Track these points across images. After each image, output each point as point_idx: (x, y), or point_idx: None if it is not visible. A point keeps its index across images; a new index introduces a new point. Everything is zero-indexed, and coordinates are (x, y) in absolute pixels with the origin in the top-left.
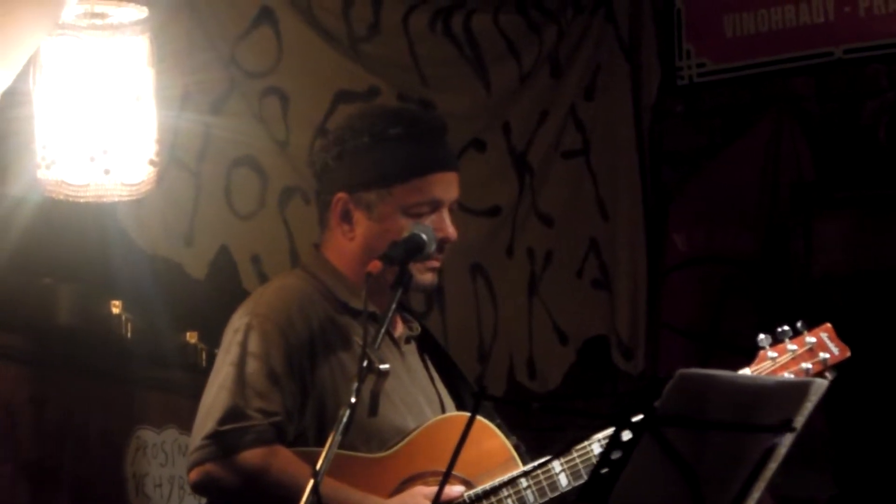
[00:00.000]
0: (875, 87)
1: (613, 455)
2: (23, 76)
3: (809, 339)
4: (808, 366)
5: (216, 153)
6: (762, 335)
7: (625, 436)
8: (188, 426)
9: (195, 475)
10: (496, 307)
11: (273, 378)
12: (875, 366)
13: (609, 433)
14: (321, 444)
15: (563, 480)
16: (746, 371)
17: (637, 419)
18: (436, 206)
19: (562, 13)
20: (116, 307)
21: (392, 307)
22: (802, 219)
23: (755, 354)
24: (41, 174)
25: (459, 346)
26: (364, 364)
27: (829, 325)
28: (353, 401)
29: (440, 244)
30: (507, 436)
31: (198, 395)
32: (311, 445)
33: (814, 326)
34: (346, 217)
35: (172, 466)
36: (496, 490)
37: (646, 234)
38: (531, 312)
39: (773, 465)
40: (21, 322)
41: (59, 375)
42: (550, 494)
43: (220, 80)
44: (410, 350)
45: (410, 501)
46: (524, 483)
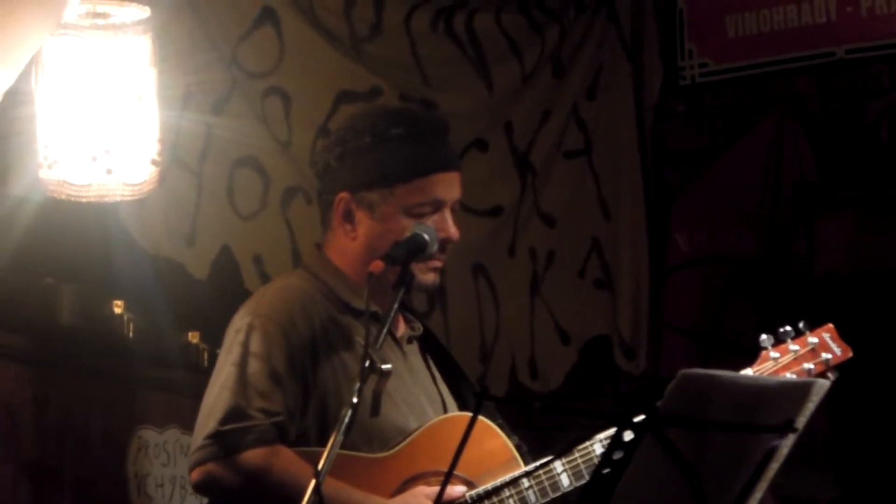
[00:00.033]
0: (877, 88)
1: (615, 455)
2: (25, 76)
3: (812, 340)
4: (811, 366)
5: (218, 153)
6: (764, 335)
7: (627, 436)
8: (190, 426)
9: (197, 475)
10: (498, 307)
11: (275, 378)
12: (877, 366)
13: (611, 433)
14: (323, 444)
15: (565, 480)
16: (748, 371)
17: (639, 419)
18: (438, 206)
19: (564, 13)
20: (118, 307)
21: (394, 307)
22: (804, 219)
23: (757, 355)
24: (43, 174)
25: (461, 346)
26: (366, 364)
27: (832, 326)
28: (355, 401)
29: (442, 244)
30: (509, 436)
31: (199, 395)
32: (313, 445)
33: (816, 327)
34: (349, 217)
35: (174, 466)
36: (498, 490)
37: (648, 234)
38: (533, 312)
39: (775, 466)
40: (23, 322)
41: (61, 375)
42: (552, 494)
43: (222, 81)
44: (412, 350)
45: (412, 501)
46: (526, 483)
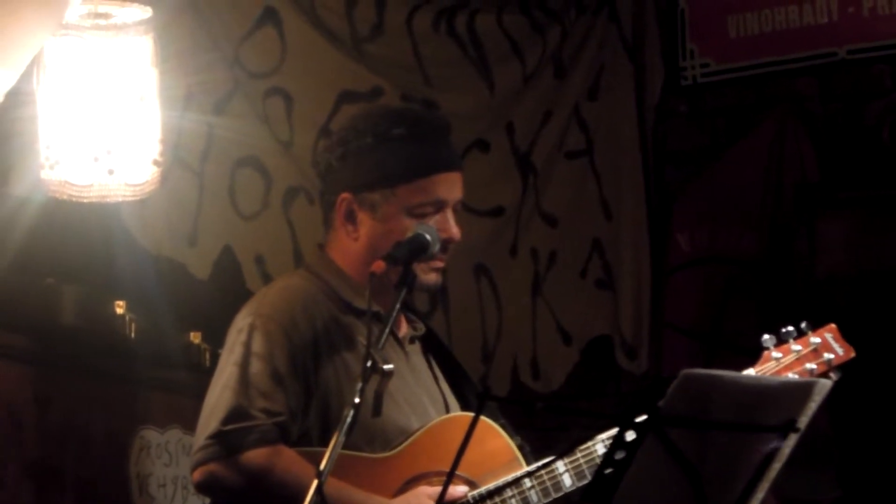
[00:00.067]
0: (879, 88)
1: (617, 455)
2: (26, 76)
3: (814, 340)
4: (813, 366)
5: (220, 153)
6: (766, 335)
7: (629, 436)
8: (192, 426)
9: (199, 475)
10: (500, 307)
11: (277, 378)
12: (879, 366)
13: (613, 433)
14: (325, 444)
15: (567, 481)
16: (750, 371)
17: (641, 419)
18: (440, 207)
19: (565, 13)
20: (120, 307)
21: (396, 307)
22: (806, 219)
23: (759, 355)
24: (45, 174)
25: (463, 347)
26: (368, 364)
27: (834, 326)
28: (357, 401)
29: (444, 244)
30: (511, 436)
31: (201, 396)
32: (315, 445)
33: (818, 327)
34: (351, 217)
35: (176, 466)
36: (500, 490)
37: (649, 234)
38: (535, 312)
39: (777, 466)
40: (24, 322)
41: (63, 376)
42: (554, 495)
43: (224, 81)
44: (415, 350)
45: (414, 501)
46: (528, 483)
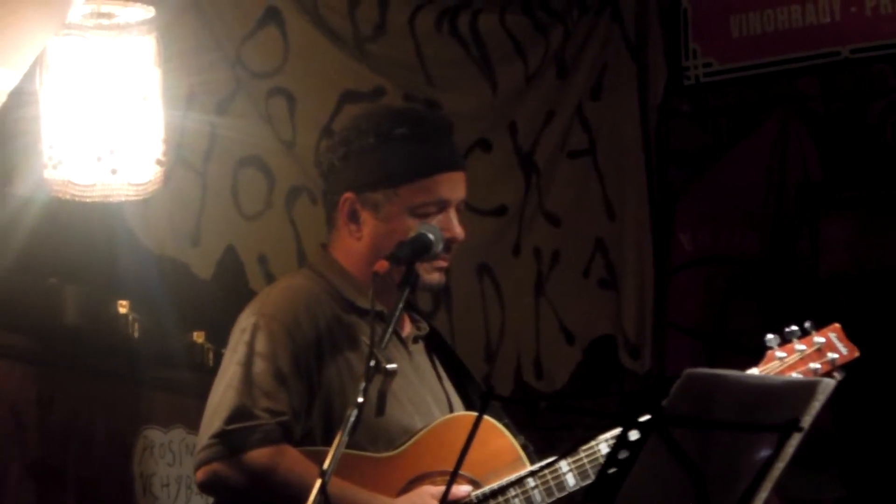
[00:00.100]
0: (882, 87)
1: (620, 455)
2: (29, 76)
3: (818, 340)
4: (817, 366)
5: (222, 153)
6: (770, 335)
7: (632, 435)
8: (195, 426)
9: (202, 474)
10: (503, 307)
11: (280, 378)
12: (882, 366)
13: (616, 433)
14: (328, 444)
15: (571, 480)
16: (754, 371)
17: (644, 419)
18: (443, 206)
19: (568, 13)
20: (123, 307)
21: (399, 306)
22: (809, 219)
23: (762, 354)
24: (48, 174)
25: (466, 346)
26: (371, 363)
27: (838, 326)
28: (361, 400)
29: (447, 244)
30: (515, 435)
31: (205, 395)
32: (319, 445)
33: (822, 327)
34: (354, 217)
35: (180, 466)
36: (503, 490)
37: (652, 234)
38: (538, 312)
39: (780, 466)
40: (27, 322)
41: (66, 375)
42: (558, 494)
43: (226, 81)
44: (418, 350)
45: (418, 501)
46: (531, 483)
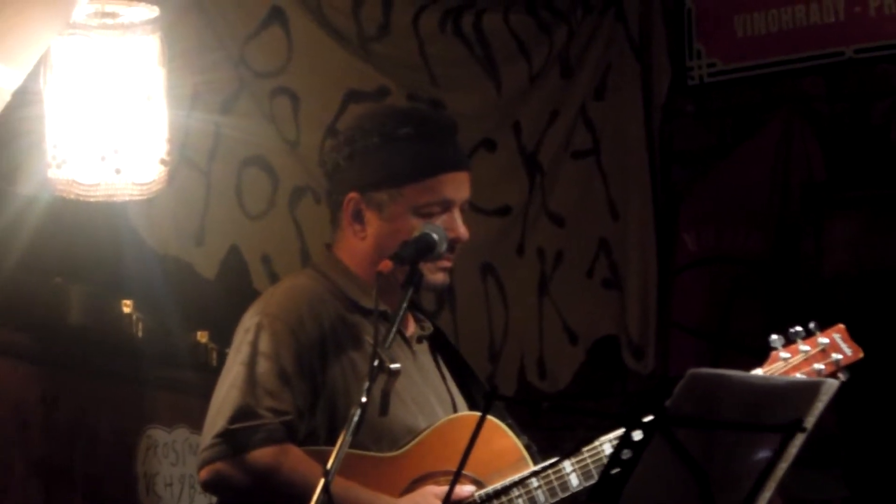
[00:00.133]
0: (886, 87)
1: (624, 455)
2: (33, 75)
3: (822, 340)
4: (821, 367)
5: (226, 153)
6: (775, 336)
7: (635, 436)
8: (199, 425)
9: (206, 474)
10: (506, 307)
11: (283, 377)
12: (886, 367)
13: (620, 433)
14: (332, 444)
15: (574, 480)
16: (759, 371)
17: (648, 419)
18: (447, 206)
19: (572, 13)
20: (127, 306)
21: (403, 306)
22: (813, 219)
23: (766, 355)
24: (52, 173)
25: (470, 346)
26: (375, 363)
27: (842, 326)
28: (364, 400)
29: (451, 244)
30: (519, 435)
31: (208, 395)
32: (322, 444)
33: (826, 327)
34: (358, 217)
35: (183, 465)
36: (507, 490)
37: (656, 234)
38: (541, 312)
39: (784, 466)
40: (31, 321)
41: (70, 375)
42: (561, 494)
43: (230, 80)
44: (422, 349)
45: (421, 501)
46: (535, 483)
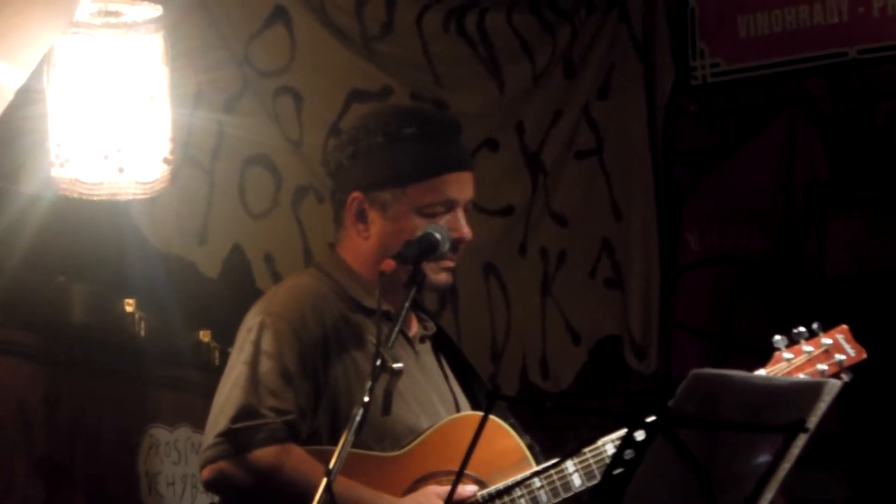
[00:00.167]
0: (889, 88)
1: (626, 455)
2: (37, 74)
3: (825, 341)
4: (824, 367)
5: (230, 152)
6: (778, 336)
7: (638, 436)
8: (201, 424)
9: (208, 473)
10: (509, 307)
11: (286, 377)
12: (889, 367)
13: (622, 433)
14: (334, 443)
15: (577, 480)
16: (762, 372)
17: (650, 419)
18: (450, 206)
19: (575, 13)
20: (130, 305)
21: (406, 306)
22: (816, 219)
23: (769, 355)
24: (55, 172)
25: (472, 346)
26: (377, 363)
27: (846, 327)
28: (367, 400)
29: (454, 244)
30: (521, 435)
31: (211, 394)
32: (325, 444)
33: (829, 328)
34: (361, 216)
35: (185, 465)
36: (509, 490)
37: (659, 234)
38: (544, 312)
39: (786, 466)
40: (35, 320)
41: (73, 374)
42: (564, 494)
43: (234, 79)
44: (425, 349)
45: (423, 501)
46: (537, 483)
